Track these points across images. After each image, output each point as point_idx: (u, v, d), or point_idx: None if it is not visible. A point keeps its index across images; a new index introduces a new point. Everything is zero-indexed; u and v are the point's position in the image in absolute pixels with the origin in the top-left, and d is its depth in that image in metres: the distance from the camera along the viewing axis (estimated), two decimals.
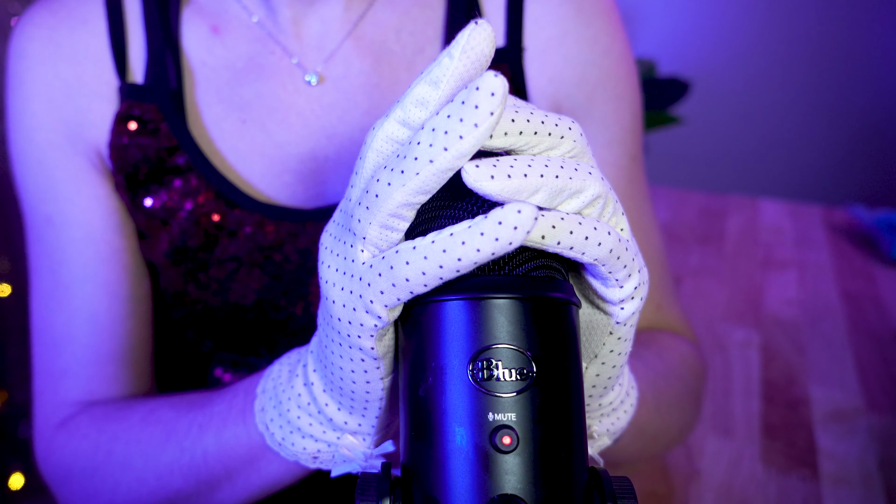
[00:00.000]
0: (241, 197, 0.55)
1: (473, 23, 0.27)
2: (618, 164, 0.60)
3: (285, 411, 0.40)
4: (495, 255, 0.26)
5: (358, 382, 0.34)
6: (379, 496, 0.29)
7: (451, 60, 0.27)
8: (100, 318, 0.57)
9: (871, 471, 0.75)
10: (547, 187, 0.28)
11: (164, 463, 0.49)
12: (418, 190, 0.27)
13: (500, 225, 0.25)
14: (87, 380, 0.57)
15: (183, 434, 0.48)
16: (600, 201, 0.30)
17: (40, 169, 0.56)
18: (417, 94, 0.28)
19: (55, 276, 0.57)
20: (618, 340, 0.34)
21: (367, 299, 0.30)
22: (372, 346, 0.32)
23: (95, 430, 0.53)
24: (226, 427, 0.45)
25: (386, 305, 0.29)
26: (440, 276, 0.27)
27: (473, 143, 0.26)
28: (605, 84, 0.59)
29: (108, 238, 0.57)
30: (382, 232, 0.29)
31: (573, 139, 0.30)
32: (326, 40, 0.56)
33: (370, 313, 0.30)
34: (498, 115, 0.26)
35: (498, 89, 0.25)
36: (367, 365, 0.33)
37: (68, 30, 0.55)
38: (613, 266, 0.30)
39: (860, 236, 1.29)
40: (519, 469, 0.28)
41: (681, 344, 0.62)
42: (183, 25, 0.56)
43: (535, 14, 0.56)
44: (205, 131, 0.56)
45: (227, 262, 0.56)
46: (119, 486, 0.51)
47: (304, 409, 0.39)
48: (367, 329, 0.31)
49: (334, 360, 0.34)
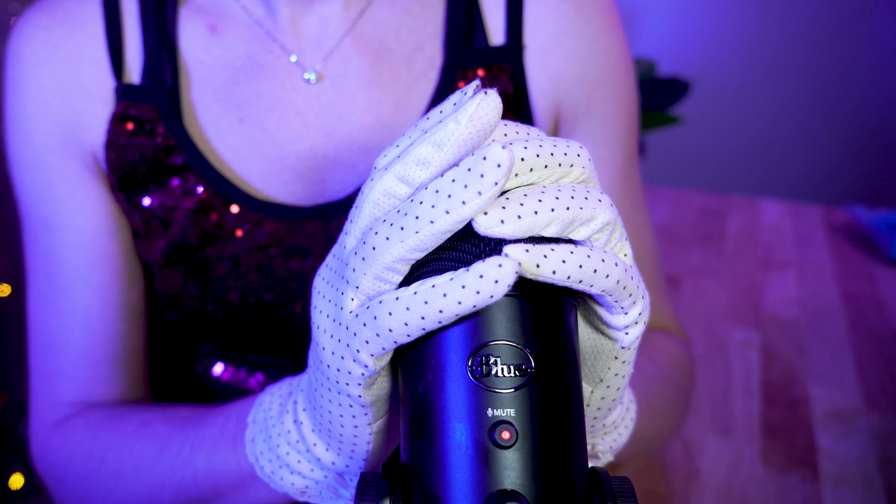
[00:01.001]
0: (240, 195, 0.55)
1: (483, 92, 0.28)
2: (614, 163, 0.61)
3: (275, 446, 0.40)
4: (476, 307, 0.27)
5: (346, 427, 0.35)
6: (379, 496, 0.29)
7: (458, 126, 0.28)
8: (92, 321, 0.57)
9: (871, 471, 0.75)
10: (558, 220, 0.28)
11: (156, 478, 0.49)
12: (416, 247, 0.28)
13: (482, 279, 0.26)
14: (81, 381, 0.58)
15: (175, 452, 0.49)
16: (609, 228, 0.30)
17: (36, 171, 0.57)
18: (420, 153, 0.28)
19: (50, 279, 0.58)
20: (622, 364, 0.35)
21: (353, 348, 0.30)
22: (360, 393, 0.32)
23: (90, 438, 0.54)
24: (216, 451, 0.46)
25: (372, 355, 0.30)
26: (422, 326, 0.28)
27: (475, 209, 0.27)
28: (603, 82, 0.59)
29: (100, 242, 0.57)
30: (376, 283, 0.30)
31: (581, 166, 0.30)
32: (325, 38, 0.56)
33: (357, 362, 0.30)
34: (501, 185, 0.26)
35: (504, 161, 0.26)
36: (355, 411, 0.33)
37: (65, 31, 0.55)
38: (620, 296, 0.30)
39: (860, 236, 1.29)
40: (518, 465, 0.28)
41: (671, 344, 0.63)
42: (180, 25, 0.56)
43: (535, 12, 0.57)
44: (202, 130, 0.56)
45: (226, 260, 0.56)
46: (111, 495, 0.52)
47: (293, 446, 0.39)
48: (354, 377, 0.31)
49: (323, 403, 0.34)
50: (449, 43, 0.56)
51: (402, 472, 0.30)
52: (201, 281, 0.57)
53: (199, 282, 0.57)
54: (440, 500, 0.28)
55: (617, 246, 0.32)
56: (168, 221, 0.56)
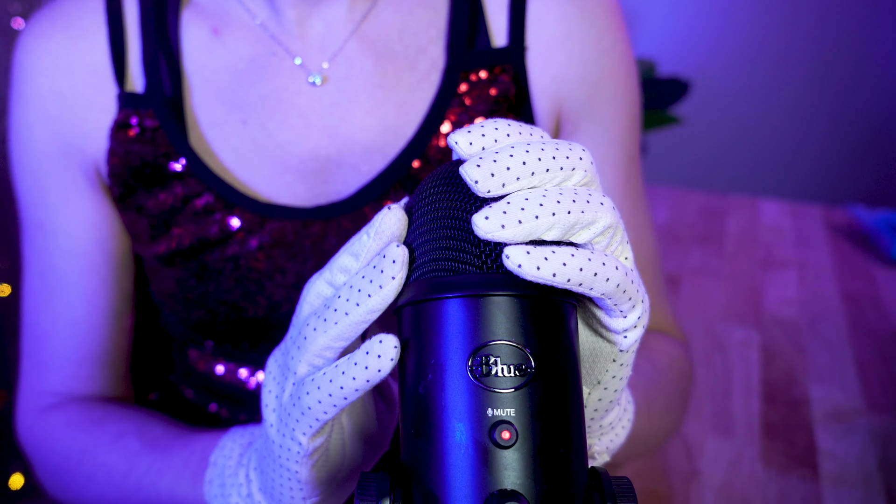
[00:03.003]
0: (241, 198, 0.55)
1: (387, 208, 0.33)
2: (616, 163, 0.60)
3: (227, 495, 0.43)
4: (370, 382, 0.31)
5: (284, 496, 0.38)
6: (379, 496, 0.29)
7: (368, 238, 0.33)
8: (79, 323, 0.60)
9: (871, 471, 0.75)
10: (560, 224, 0.29)
11: (124, 490, 0.54)
12: (338, 336, 0.32)
13: (368, 355, 0.30)
14: (65, 376, 0.61)
15: (143, 471, 0.53)
16: (610, 231, 0.31)
17: (35, 177, 0.58)
18: (342, 262, 0.33)
19: (43, 279, 0.60)
20: (620, 367, 0.35)
21: (290, 427, 0.34)
22: (297, 469, 0.36)
23: (69, 438, 0.58)
24: (178, 483, 0.50)
25: (304, 433, 0.34)
26: (333, 403, 0.32)
27: (380, 301, 0.31)
28: (606, 83, 0.59)
29: (90, 251, 0.59)
30: (309, 368, 0.33)
31: (584, 169, 0.31)
32: (330, 40, 0.56)
33: (294, 440, 0.34)
34: (400, 279, 0.31)
35: (398, 257, 0.30)
36: (293, 484, 0.37)
37: (66, 39, 0.56)
38: (619, 299, 0.31)
39: (860, 236, 1.29)
40: (518, 464, 0.28)
41: (670, 346, 0.63)
42: (182, 28, 0.56)
43: (538, 13, 0.56)
44: (203, 135, 0.56)
45: (228, 262, 0.56)
46: (84, 493, 0.57)
47: (242, 499, 0.42)
48: (293, 454, 0.35)
49: (268, 471, 0.38)
50: (452, 45, 0.56)
51: (401, 471, 0.30)
52: (203, 282, 0.57)
53: (200, 283, 0.57)
54: (440, 499, 0.28)
55: (618, 249, 0.32)
56: (170, 226, 0.57)
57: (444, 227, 0.31)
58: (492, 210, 0.28)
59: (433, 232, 0.32)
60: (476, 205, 0.30)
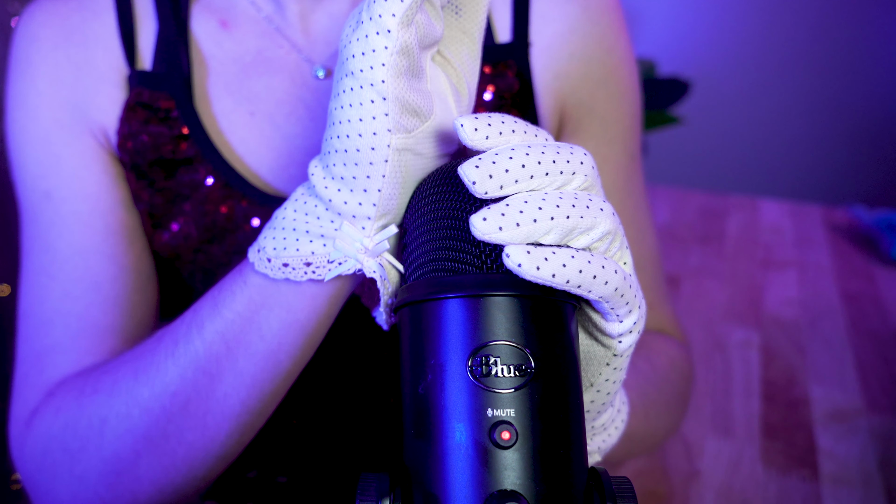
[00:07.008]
0: (250, 189, 0.56)
1: None
2: (617, 162, 0.60)
3: (280, 220, 0.40)
4: None
5: (364, 136, 0.34)
6: (379, 496, 0.29)
7: None
8: (103, 287, 0.54)
9: (871, 471, 0.75)
10: (558, 228, 0.29)
11: (158, 359, 0.45)
12: None
13: None
14: (80, 353, 0.53)
15: (176, 327, 0.45)
16: (609, 237, 0.31)
17: (42, 145, 0.56)
18: None
19: (51, 251, 0.54)
20: (614, 370, 0.35)
21: (375, 12, 0.32)
22: (383, 78, 0.33)
23: (81, 379, 0.50)
24: (221, 291, 0.43)
25: (393, 14, 0.31)
26: None
27: None
28: (608, 82, 0.59)
29: (117, 212, 0.56)
30: None
31: (584, 173, 0.31)
32: (334, 34, 0.57)
33: (380, 34, 0.32)
34: None
35: None
36: (375, 109, 0.33)
37: (80, 18, 0.56)
38: (617, 303, 0.31)
39: (860, 236, 1.29)
40: (518, 465, 0.28)
41: (670, 346, 0.63)
42: (192, 19, 0.57)
43: (542, 10, 0.57)
44: (214, 122, 0.57)
45: (234, 253, 0.57)
46: (106, 424, 0.46)
47: (300, 208, 0.39)
48: (378, 55, 0.32)
49: (341, 116, 0.35)
50: None
51: (402, 471, 0.30)
52: (209, 273, 0.57)
53: (206, 274, 0.58)
54: (440, 499, 0.28)
55: (617, 255, 0.32)
56: (176, 213, 0.57)
57: (443, 227, 0.32)
58: (490, 211, 0.28)
59: (433, 232, 0.32)
60: (476, 205, 0.30)
